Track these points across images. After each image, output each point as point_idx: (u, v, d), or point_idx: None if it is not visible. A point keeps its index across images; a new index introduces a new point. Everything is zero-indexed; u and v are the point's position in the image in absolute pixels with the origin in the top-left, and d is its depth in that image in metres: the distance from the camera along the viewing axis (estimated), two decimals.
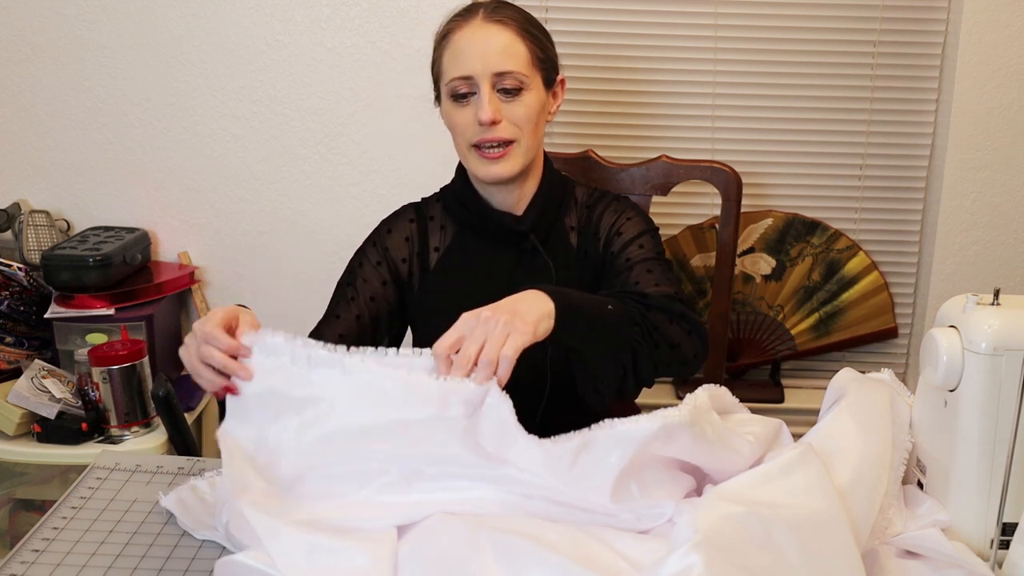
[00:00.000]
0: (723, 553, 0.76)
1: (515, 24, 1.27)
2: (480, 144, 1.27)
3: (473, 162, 1.30)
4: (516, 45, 1.26)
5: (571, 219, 1.38)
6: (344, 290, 1.35)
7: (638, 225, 1.35)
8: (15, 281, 1.85)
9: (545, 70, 1.30)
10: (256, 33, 1.95)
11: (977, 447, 0.92)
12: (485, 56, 1.24)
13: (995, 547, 0.92)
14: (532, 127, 1.28)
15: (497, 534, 0.85)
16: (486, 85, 1.25)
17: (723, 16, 1.95)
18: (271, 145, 2.01)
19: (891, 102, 1.99)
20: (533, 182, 1.36)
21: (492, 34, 1.25)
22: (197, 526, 1.00)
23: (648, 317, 1.15)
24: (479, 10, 1.28)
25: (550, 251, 1.35)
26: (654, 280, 1.27)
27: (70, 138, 2.02)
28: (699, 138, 2.02)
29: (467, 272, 1.35)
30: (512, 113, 1.26)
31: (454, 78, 1.26)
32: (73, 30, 1.96)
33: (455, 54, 1.27)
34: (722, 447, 0.95)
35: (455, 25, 1.28)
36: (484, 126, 1.25)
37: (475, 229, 1.37)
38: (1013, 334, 0.90)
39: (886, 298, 2.08)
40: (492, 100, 1.25)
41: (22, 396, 1.72)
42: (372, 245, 1.38)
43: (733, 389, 1.08)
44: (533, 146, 1.30)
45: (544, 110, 1.32)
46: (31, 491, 1.80)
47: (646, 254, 1.31)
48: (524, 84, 1.26)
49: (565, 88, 1.37)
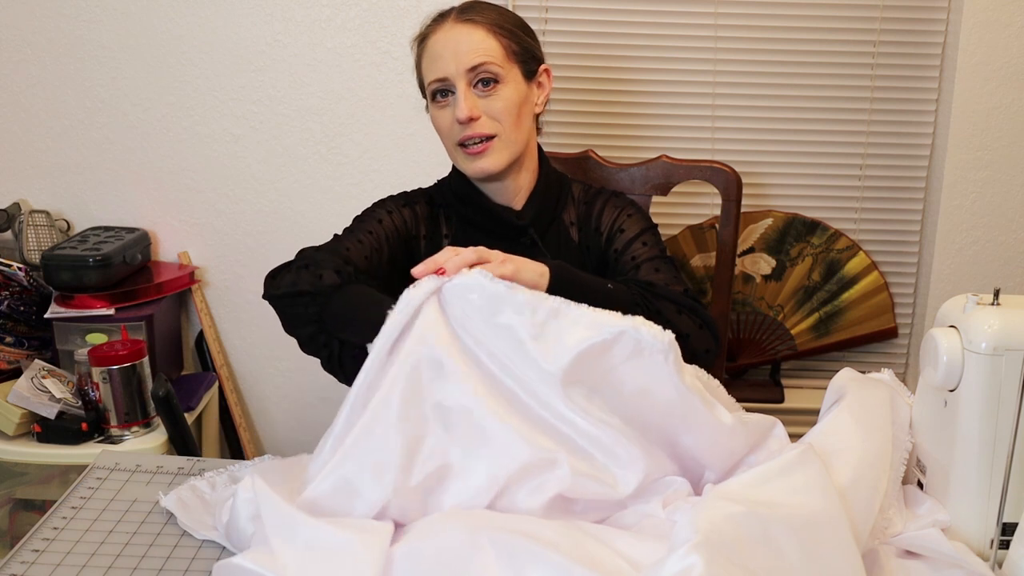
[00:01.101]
0: (723, 553, 0.76)
1: (486, 21, 1.29)
2: (463, 142, 1.29)
3: (460, 160, 1.32)
4: (487, 40, 1.28)
5: (570, 214, 1.39)
6: (361, 224, 1.34)
7: (639, 222, 1.36)
8: (15, 281, 1.85)
9: (523, 62, 1.32)
10: (256, 33, 1.95)
11: (977, 447, 0.92)
12: (457, 55, 1.27)
13: (995, 547, 0.92)
14: (513, 120, 1.29)
15: (497, 533, 0.85)
16: (462, 83, 1.27)
17: (723, 16, 1.95)
18: (271, 145, 2.01)
19: (891, 102, 1.99)
20: (528, 176, 1.37)
21: (463, 33, 1.28)
22: (197, 526, 1.00)
23: (652, 303, 1.17)
24: (451, 12, 1.32)
25: (550, 246, 1.36)
26: (663, 279, 1.28)
27: (70, 138, 2.02)
28: (699, 138, 2.02)
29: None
30: (490, 107, 1.28)
31: (432, 81, 1.30)
32: (73, 30, 1.96)
33: (431, 58, 1.30)
34: (700, 404, 0.95)
35: (429, 30, 1.32)
36: (463, 124, 1.27)
37: (475, 223, 1.38)
38: (1013, 334, 0.90)
39: (886, 298, 2.08)
40: (468, 97, 1.27)
41: (22, 396, 1.72)
42: (400, 203, 1.39)
43: (733, 389, 1.08)
44: (518, 139, 1.31)
45: (527, 102, 1.33)
46: (31, 491, 1.80)
47: (651, 252, 1.32)
48: (499, 76, 1.28)
49: (551, 77, 1.38)
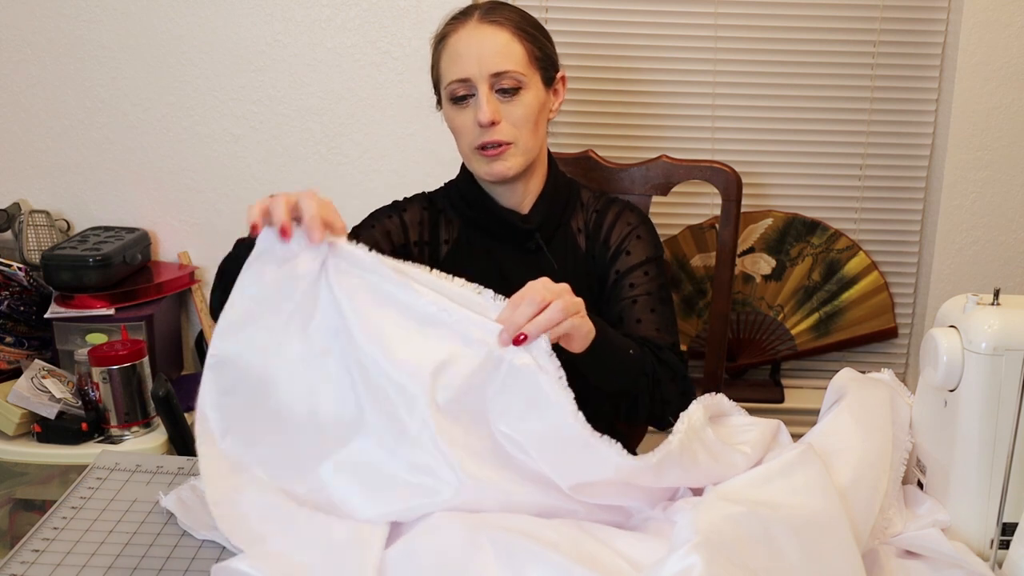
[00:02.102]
0: (723, 553, 0.76)
1: (511, 24, 1.27)
2: (482, 146, 1.27)
3: (476, 163, 1.30)
4: (512, 45, 1.26)
5: (578, 221, 1.38)
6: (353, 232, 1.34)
7: (646, 248, 1.35)
8: (15, 281, 1.85)
9: (544, 68, 1.31)
10: (256, 33, 1.95)
11: (977, 447, 0.92)
12: (481, 57, 1.24)
13: (995, 547, 0.92)
14: (532, 127, 1.28)
15: (497, 533, 0.85)
16: (484, 86, 1.25)
17: (723, 16, 1.95)
18: (271, 145, 2.01)
19: (891, 102, 1.99)
20: (538, 180, 1.36)
21: (488, 35, 1.25)
22: (197, 526, 0.99)
23: (657, 371, 1.19)
24: (474, 12, 1.28)
25: (555, 251, 1.35)
26: (656, 324, 1.29)
27: (70, 138, 2.02)
28: (699, 138, 2.02)
29: (475, 268, 1.34)
30: (511, 113, 1.26)
31: (452, 81, 1.27)
32: (73, 30, 1.96)
33: (452, 57, 1.27)
34: (714, 465, 0.95)
35: (451, 28, 1.29)
36: (484, 128, 1.26)
37: (480, 226, 1.37)
38: (1013, 334, 0.90)
39: (886, 298, 2.08)
40: (490, 101, 1.25)
41: (22, 396, 1.72)
42: (387, 214, 1.38)
43: (733, 389, 1.09)
44: (534, 146, 1.30)
45: (544, 108, 1.32)
46: (31, 491, 1.80)
47: (650, 285, 1.32)
48: (522, 83, 1.26)
49: (566, 85, 1.37)
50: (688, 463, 0.93)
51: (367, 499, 0.93)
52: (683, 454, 0.92)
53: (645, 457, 0.91)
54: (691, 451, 0.93)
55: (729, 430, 1.02)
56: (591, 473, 0.90)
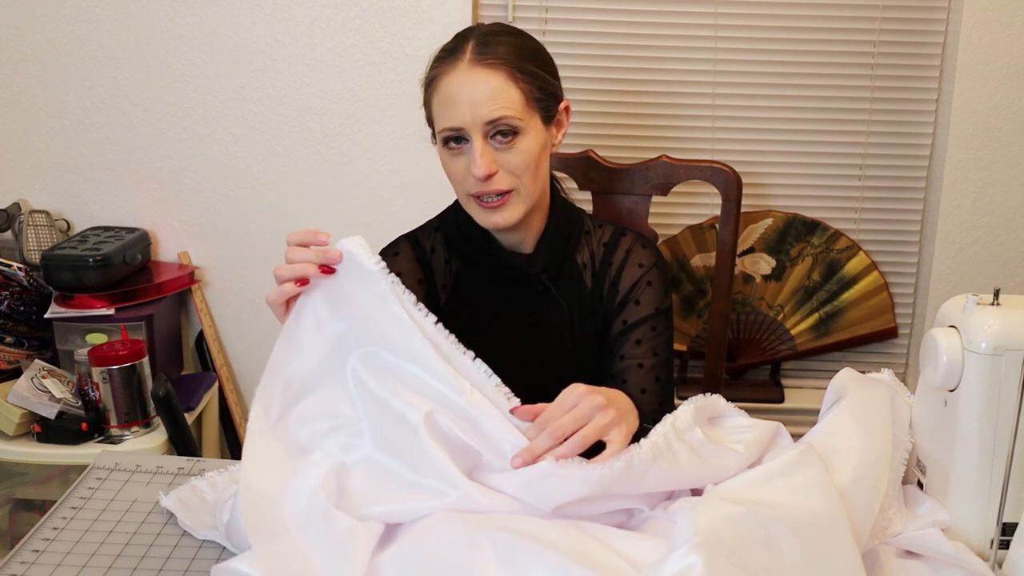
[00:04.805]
0: (723, 553, 0.76)
1: (505, 65, 1.17)
2: (478, 195, 1.21)
3: (474, 211, 1.24)
4: (507, 90, 1.17)
5: (583, 255, 1.32)
6: None
7: (655, 299, 1.30)
8: (15, 281, 1.85)
9: (543, 108, 1.22)
10: (256, 33, 1.95)
11: (977, 447, 0.92)
12: (474, 105, 1.15)
13: (995, 547, 0.92)
14: (532, 172, 1.21)
15: (497, 534, 0.85)
16: (478, 136, 1.17)
17: (723, 16, 1.95)
18: (271, 145, 2.01)
19: (891, 102, 1.99)
20: (540, 217, 1.29)
21: (480, 80, 1.16)
22: (197, 526, 0.99)
23: None
24: (467, 48, 1.19)
25: (563, 292, 1.30)
26: (659, 397, 1.26)
27: (70, 138, 2.02)
28: (699, 138, 2.02)
29: (479, 312, 1.31)
30: (508, 162, 1.19)
31: (444, 128, 1.19)
32: (73, 30, 1.96)
33: (443, 103, 1.19)
34: (701, 465, 0.95)
35: (442, 71, 1.19)
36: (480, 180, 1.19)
37: (482, 267, 1.31)
38: (1013, 334, 0.90)
39: (886, 298, 2.08)
40: (485, 153, 1.17)
41: (22, 396, 1.72)
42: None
43: (733, 389, 1.08)
44: (535, 190, 1.23)
45: (545, 148, 1.24)
46: (31, 491, 1.80)
47: (657, 346, 1.28)
48: (519, 128, 1.18)
49: (571, 113, 1.30)
50: (666, 464, 0.92)
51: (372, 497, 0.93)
52: (659, 456, 0.92)
53: (611, 463, 0.90)
54: (670, 452, 0.93)
55: (726, 431, 1.02)
56: (565, 494, 0.90)
